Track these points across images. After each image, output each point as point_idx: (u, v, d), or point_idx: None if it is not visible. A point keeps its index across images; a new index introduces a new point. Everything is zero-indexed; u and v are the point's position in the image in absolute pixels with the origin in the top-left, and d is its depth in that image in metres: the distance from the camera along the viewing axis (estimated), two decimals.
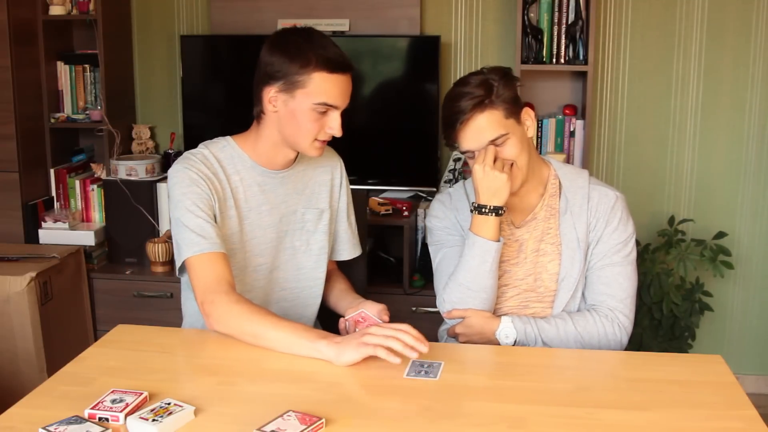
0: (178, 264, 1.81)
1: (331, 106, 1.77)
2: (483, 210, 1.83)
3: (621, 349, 1.88)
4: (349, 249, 2.07)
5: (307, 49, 1.75)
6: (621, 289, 1.88)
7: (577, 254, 1.89)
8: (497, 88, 1.79)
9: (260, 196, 1.88)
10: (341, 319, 1.81)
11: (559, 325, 1.85)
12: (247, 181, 1.87)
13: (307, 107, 1.76)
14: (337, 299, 2.00)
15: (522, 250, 1.93)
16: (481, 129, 1.79)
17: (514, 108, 1.82)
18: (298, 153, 1.91)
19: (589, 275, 1.90)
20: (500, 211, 1.82)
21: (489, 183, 1.80)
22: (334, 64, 1.75)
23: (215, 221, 1.80)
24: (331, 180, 2.00)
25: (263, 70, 1.78)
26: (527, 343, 1.84)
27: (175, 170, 1.82)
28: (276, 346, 1.63)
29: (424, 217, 3.13)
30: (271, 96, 1.78)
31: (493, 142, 1.80)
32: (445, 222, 2.00)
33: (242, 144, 1.88)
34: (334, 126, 1.79)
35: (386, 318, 1.77)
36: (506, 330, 1.84)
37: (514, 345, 1.84)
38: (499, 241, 1.84)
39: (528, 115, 1.87)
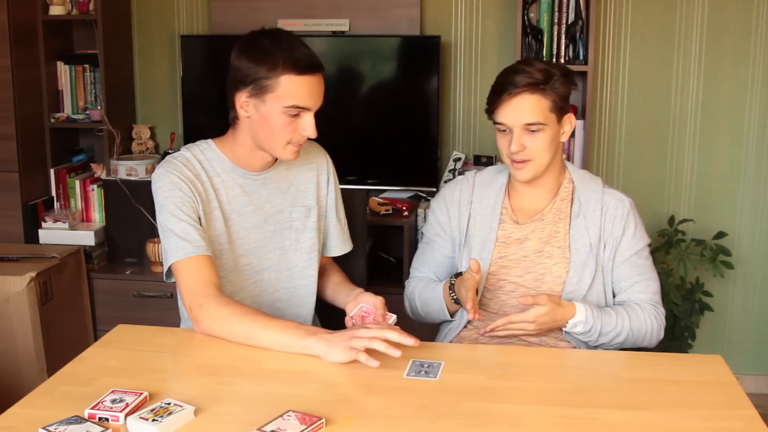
0: (165, 269, 1.81)
1: (301, 108, 1.75)
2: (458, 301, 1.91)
3: (653, 347, 1.94)
4: (340, 245, 2.06)
5: (273, 52, 1.72)
6: (653, 291, 1.93)
7: (589, 259, 1.90)
8: (555, 80, 1.84)
9: (243, 198, 1.88)
10: (347, 318, 1.81)
11: (617, 319, 1.86)
12: (228, 183, 1.87)
13: (278, 111, 1.74)
14: (333, 293, 2.00)
15: (523, 249, 1.93)
16: (523, 108, 1.83)
17: (562, 106, 1.87)
18: None
19: (620, 280, 1.93)
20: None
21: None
22: (301, 66, 1.73)
23: (200, 223, 1.80)
24: (317, 176, 1.99)
25: (233, 75, 1.77)
26: (586, 334, 1.85)
27: (158, 174, 1.83)
28: (268, 345, 1.64)
29: (424, 217, 3.13)
30: (243, 101, 1.77)
31: (528, 126, 1.83)
32: (441, 218, 2.04)
33: (222, 147, 1.89)
34: (307, 128, 1.77)
35: (385, 311, 1.77)
36: (579, 318, 1.84)
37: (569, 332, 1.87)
38: (452, 318, 1.98)
39: (569, 121, 1.91)
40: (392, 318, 1.76)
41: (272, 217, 1.92)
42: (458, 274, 1.92)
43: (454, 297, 1.90)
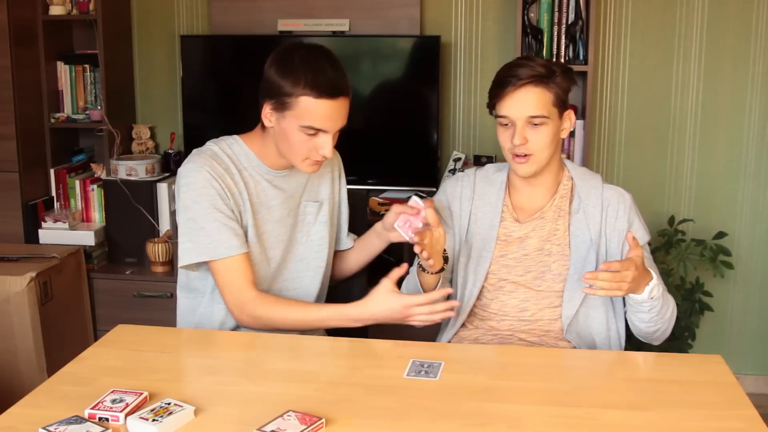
0: (185, 262, 1.82)
1: (318, 129, 1.77)
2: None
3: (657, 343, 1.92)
4: (350, 239, 2.11)
5: (299, 70, 1.74)
6: (663, 282, 1.90)
7: (590, 255, 1.89)
8: (557, 75, 1.84)
9: (271, 191, 1.91)
10: (394, 224, 1.88)
11: (667, 303, 1.83)
12: (256, 177, 1.90)
13: (295, 128, 1.77)
14: (361, 245, 2.09)
15: (523, 247, 1.93)
16: (528, 101, 1.82)
17: (564, 101, 1.87)
18: None
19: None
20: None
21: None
22: (321, 89, 1.73)
23: (234, 217, 1.83)
24: (331, 172, 2.04)
25: (263, 84, 1.80)
26: (658, 300, 1.78)
27: (188, 170, 1.84)
28: (321, 323, 1.80)
29: None
30: (267, 112, 1.81)
31: (531, 119, 1.83)
32: (443, 212, 2.01)
33: (249, 143, 1.91)
34: (323, 147, 1.79)
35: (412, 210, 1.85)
36: (655, 281, 1.76)
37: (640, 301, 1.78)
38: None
39: (569, 117, 1.90)
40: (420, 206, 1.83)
41: (292, 211, 1.96)
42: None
43: (419, 263, 1.83)
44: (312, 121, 1.75)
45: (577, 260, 1.89)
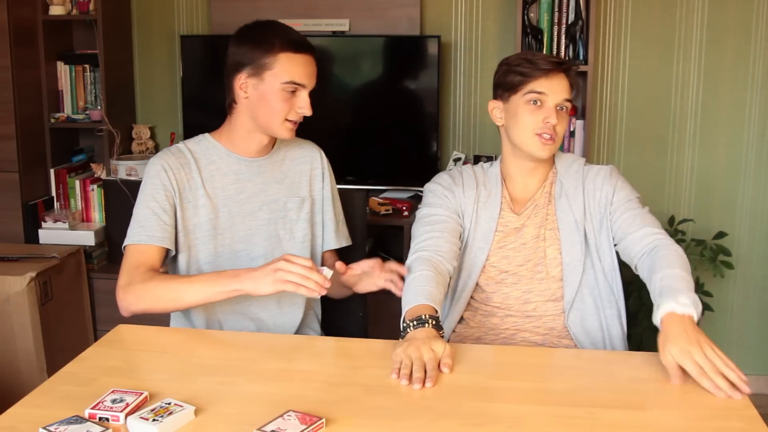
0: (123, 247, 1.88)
1: (298, 84, 1.84)
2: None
3: None
4: (336, 238, 2.08)
5: (270, 35, 1.86)
6: (656, 224, 1.86)
7: (576, 236, 1.91)
8: (573, 71, 1.92)
9: (237, 185, 1.94)
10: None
11: (685, 274, 1.72)
12: (223, 170, 1.93)
13: (276, 88, 1.83)
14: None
15: (521, 236, 1.94)
16: (563, 85, 1.88)
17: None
18: (275, 141, 1.98)
19: (625, 226, 1.86)
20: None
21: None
22: (297, 45, 1.85)
23: (174, 213, 1.87)
24: (310, 170, 2.04)
25: (231, 60, 1.88)
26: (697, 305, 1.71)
27: (149, 162, 1.93)
28: (196, 301, 1.75)
29: None
30: (242, 83, 1.86)
31: (564, 103, 1.87)
32: (447, 192, 1.98)
33: (217, 137, 1.97)
34: (303, 105, 1.86)
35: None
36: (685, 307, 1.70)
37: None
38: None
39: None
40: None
41: (267, 206, 1.97)
42: (436, 322, 1.64)
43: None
44: (293, 75, 1.83)
45: (567, 243, 1.91)
